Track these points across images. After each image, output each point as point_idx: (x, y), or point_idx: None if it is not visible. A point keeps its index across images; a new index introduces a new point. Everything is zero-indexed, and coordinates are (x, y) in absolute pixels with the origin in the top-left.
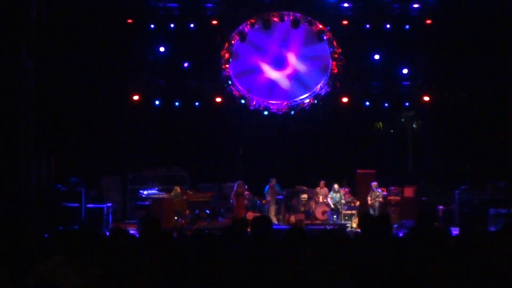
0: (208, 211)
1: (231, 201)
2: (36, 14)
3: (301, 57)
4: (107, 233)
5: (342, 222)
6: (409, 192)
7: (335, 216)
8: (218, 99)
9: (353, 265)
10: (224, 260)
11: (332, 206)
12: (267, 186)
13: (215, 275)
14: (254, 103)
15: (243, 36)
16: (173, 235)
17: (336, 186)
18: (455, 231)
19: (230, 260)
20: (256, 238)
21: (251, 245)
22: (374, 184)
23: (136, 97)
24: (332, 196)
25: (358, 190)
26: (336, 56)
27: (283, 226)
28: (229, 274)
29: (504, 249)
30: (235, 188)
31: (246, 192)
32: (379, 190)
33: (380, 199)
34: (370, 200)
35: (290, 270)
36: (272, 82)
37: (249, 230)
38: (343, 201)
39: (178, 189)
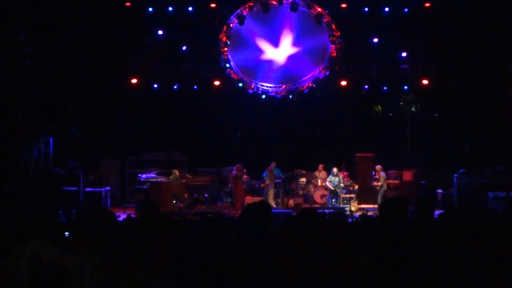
0: (206, 195)
1: (230, 185)
2: None
3: (300, 40)
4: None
5: (341, 205)
6: (408, 175)
7: (333, 200)
8: (217, 83)
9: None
10: (229, 245)
11: (332, 189)
12: (266, 170)
13: (218, 260)
14: (252, 86)
15: (241, 19)
16: (173, 218)
17: (335, 169)
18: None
19: (233, 244)
20: (255, 223)
21: (252, 230)
22: (379, 167)
23: (134, 81)
24: (331, 180)
25: (357, 174)
26: (335, 39)
27: (282, 210)
28: (232, 259)
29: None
30: (234, 172)
31: (245, 176)
32: (382, 173)
33: (380, 183)
34: (379, 184)
35: (292, 254)
36: (270, 66)
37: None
38: (341, 185)
39: (177, 172)
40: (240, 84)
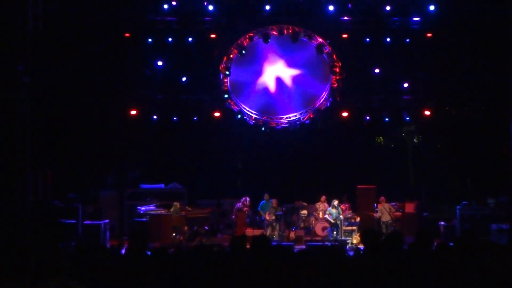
0: (206, 228)
1: (233, 216)
2: (33, 28)
3: (300, 71)
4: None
5: (343, 238)
6: (410, 207)
7: (335, 232)
8: (217, 114)
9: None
10: (223, 277)
11: (332, 221)
12: (263, 202)
13: None
14: (253, 117)
15: (241, 50)
16: (168, 251)
17: (335, 201)
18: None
19: (229, 277)
20: (255, 257)
21: (250, 264)
22: (382, 199)
23: (133, 112)
24: (331, 212)
25: (358, 206)
26: (336, 70)
27: (284, 243)
28: None
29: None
30: (238, 204)
31: (245, 208)
32: (387, 204)
33: (378, 214)
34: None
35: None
36: (271, 97)
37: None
38: (341, 217)
39: (178, 205)
40: (239, 116)
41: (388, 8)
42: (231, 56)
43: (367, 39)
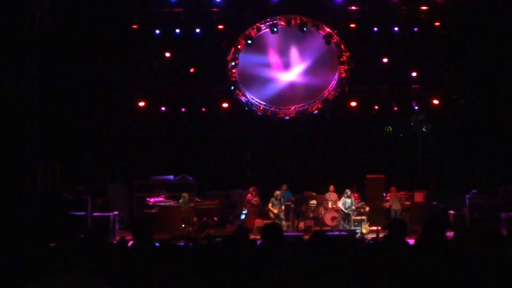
0: (216, 219)
1: (244, 208)
2: (40, 22)
3: (308, 61)
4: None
5: (352, 228)
6: (419, 197)
7: (343, 222)
8: (225, 105)
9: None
10: (232, 268)
11: (345, 211)
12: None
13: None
14: (261, 108)
15: (249, 40)
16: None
17: (348, 191)
18: None
19: (238, 268)
20: (266, 245)
21: (262, 253)
22: (393, 189)
23: (141, 104)
24: (344, 201)
25: (367, 195)
26: (344, 59)
27: (292, 233)
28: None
29: None
30: (249, 195)
31: (254, 199)
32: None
33: (389, 203)
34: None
35: (301, 277)
36: (279, 87)
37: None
38: (353, 207)
39: (186, 196)
40: (246, 108)
41: None
42: (239, 46)
43: (375, 29)
